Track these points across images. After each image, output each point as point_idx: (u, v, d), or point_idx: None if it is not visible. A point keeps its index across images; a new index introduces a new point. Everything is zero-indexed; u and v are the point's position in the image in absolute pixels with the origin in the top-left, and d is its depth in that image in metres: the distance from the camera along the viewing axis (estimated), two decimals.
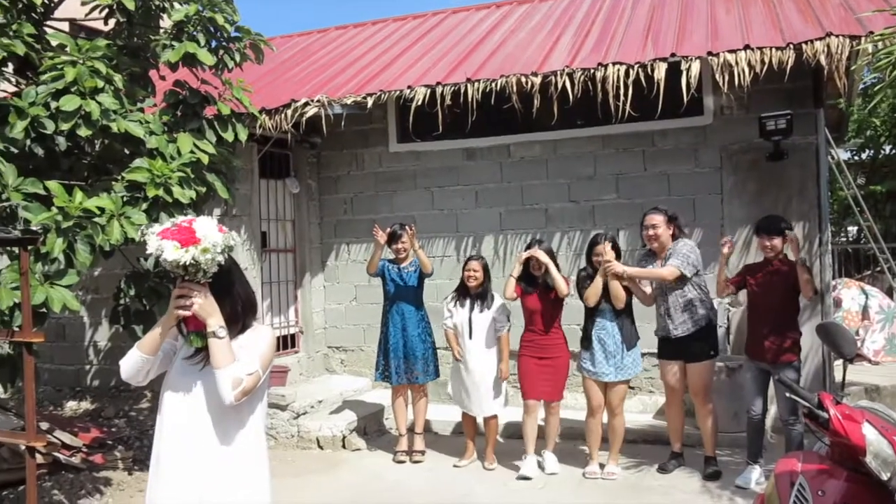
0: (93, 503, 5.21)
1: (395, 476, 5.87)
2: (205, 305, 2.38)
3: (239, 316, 2.53)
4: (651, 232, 5.48)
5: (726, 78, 6.01)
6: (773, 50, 5.93)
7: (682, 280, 5.33)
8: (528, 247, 5.75)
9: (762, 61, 5.93)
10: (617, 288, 5.39)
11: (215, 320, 2.39)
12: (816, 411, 2.76)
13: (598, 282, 5.42)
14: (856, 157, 15.16)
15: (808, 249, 6.57)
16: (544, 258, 5.58)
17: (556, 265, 5.66)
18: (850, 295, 8.64)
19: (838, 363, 7.20)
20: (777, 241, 5.22)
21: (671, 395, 5.59)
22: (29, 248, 3.56)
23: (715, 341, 5.54)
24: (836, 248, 11.71)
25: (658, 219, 5.47)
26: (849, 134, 13.65)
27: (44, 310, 4.08)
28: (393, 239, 6.17)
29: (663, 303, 5.47)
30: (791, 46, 5.90)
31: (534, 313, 5.71)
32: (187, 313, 2.37)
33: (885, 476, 2.58)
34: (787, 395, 2.95)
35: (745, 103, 6.67)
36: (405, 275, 6.19)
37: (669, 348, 5.51)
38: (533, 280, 5.71)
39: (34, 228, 4.07)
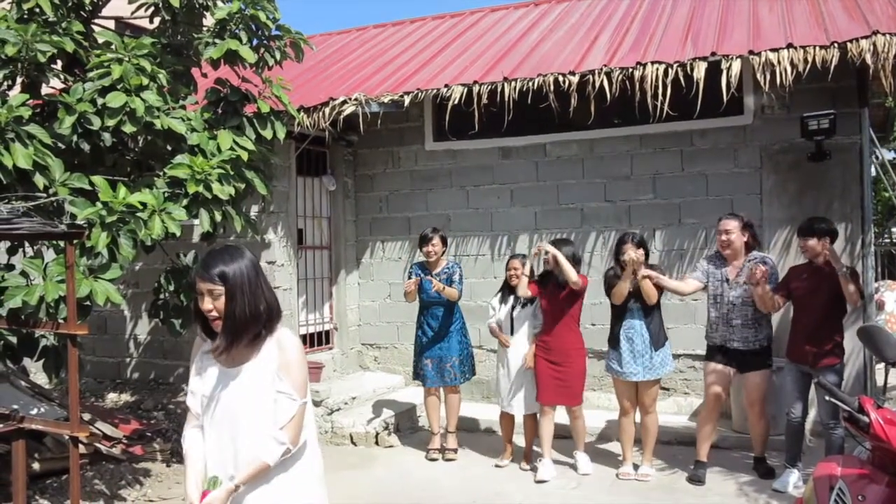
0: (132, 493, 5.31)
1: (428, 474, 5.89)
2: None
3: (260, 316, 2.50)
4: (724, 238, 5.36)
5: (768, 77, 5.92)
6: (817, 48, 5.83)
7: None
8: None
9: (805, 60, 5.83)
10: (648, 287, 5.35)
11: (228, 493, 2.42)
12: (857, 415, 2.72)
13: (625, 282, 5.37)
14: None
15: (851, 251, 6.45)
16: (552, 249, 5.48)
17: (574, 265, 5.52)
18: (894, 297, 8.48)
19: (880, 367, 7.06)
20: (812, 243, 5.10)
21: (711, 401, 5.43)
22: (74, 241, 3.65)
23: (771, 353, 5.46)
24: (880, 249, 11.48)
25: (732, 224, 5.35)
26: (895, 133, 13.34)
27: (88, 303, 4.18)
28: (423, 242, 6.17)
29: (728, 312, 5.35)
30: (835, 45, 5.80)
31: (544, 314, 5.69)
32: None
33: None
34: (827, 398, 2.91)
35: (787, 102, 6.56)
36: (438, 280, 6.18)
37: (721, 354, 5.40)
38: (546, 280, 5.68)
39: (79, 223, 4.17)
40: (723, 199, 6.87)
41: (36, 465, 5.14)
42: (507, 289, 5.97)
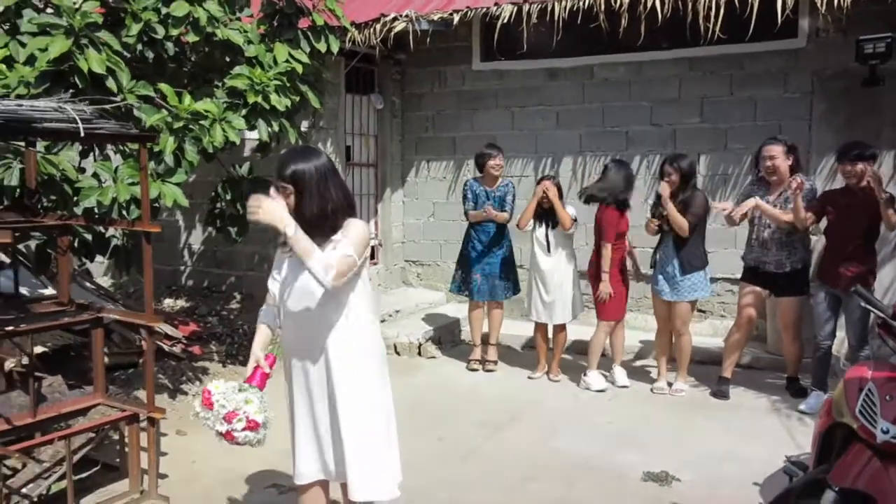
0: (192, 388, 5.68)
1: (469, 382, 6.17)
2: (264, 213, 2.56)
3: (328, 216, 2.70)
4: (769, 164, 5.41)
5: None
6: None
7: None
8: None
9: None
10: (677, 220, 5.47)
11: (279, 223, 2.56)
12: (891, 322, 2.84)
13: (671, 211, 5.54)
14: None
15: None
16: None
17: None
18: None
19: None
20: (861, 167, 5.10)
21: (743, 322, 5.60)
22: (147, 145, 3.85)
23: (807, 279, 5.53)
24: None
25: (777, 149, 5.38)
26: None
27: (157, 204, 4.41)
28: (486, 157, 6.25)
29: (763, 233, 5.47)
30: None
31: (624, 234, 5.89)
32: (255, 219, 2.58)
33: None
34: (863, 304, 3.03)
35: (843, 26, 6.44)
36: (492, 198, 6.29)
37: (756, 276, 5.54)
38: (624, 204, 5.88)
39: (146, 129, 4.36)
40: (771, 125, 6.84)
41: (105, 359, 5.49)
42: (541, 209, 6.11)
